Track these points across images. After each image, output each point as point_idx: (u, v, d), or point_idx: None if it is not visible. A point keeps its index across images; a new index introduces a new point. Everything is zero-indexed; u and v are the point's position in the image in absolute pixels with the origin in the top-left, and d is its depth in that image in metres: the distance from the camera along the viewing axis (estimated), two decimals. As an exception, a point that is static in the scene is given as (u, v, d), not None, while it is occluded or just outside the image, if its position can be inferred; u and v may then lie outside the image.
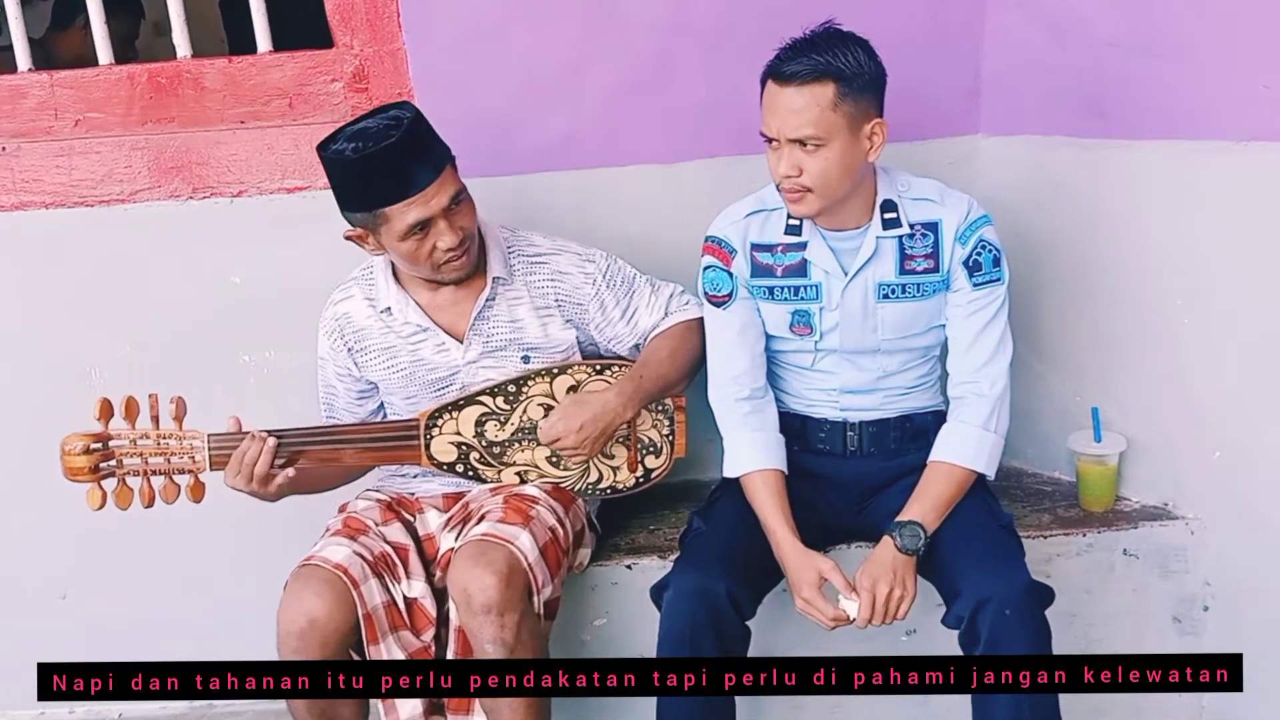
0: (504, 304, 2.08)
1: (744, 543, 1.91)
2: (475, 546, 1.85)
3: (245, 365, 2.42)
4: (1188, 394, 2.14)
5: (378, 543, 1.97)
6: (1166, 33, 1.99)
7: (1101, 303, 2.23)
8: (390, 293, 2.06)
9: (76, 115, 2.32)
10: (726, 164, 2.29)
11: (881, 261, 1.93)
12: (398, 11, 2.24)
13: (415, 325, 2.06)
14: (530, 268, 2.10)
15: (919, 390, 2.06)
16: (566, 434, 1.99)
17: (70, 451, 1.88)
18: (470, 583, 1.81)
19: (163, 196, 2.35)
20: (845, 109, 1.77)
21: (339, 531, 1.98)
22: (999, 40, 2.24)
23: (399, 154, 1.87)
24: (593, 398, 2.03)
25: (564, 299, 2.10)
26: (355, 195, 1.92)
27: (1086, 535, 2.17)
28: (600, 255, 2.14)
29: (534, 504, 1.98)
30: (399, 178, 1.87)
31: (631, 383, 2.04)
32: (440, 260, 1.95)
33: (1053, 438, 2.33)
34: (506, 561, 1.83)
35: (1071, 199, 2.22)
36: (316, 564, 1.89)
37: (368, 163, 1.87)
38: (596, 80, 2.28)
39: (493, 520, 1.91)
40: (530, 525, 1.91)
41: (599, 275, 2.12)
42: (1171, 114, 2.02)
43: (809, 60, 1.75)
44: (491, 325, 2.07)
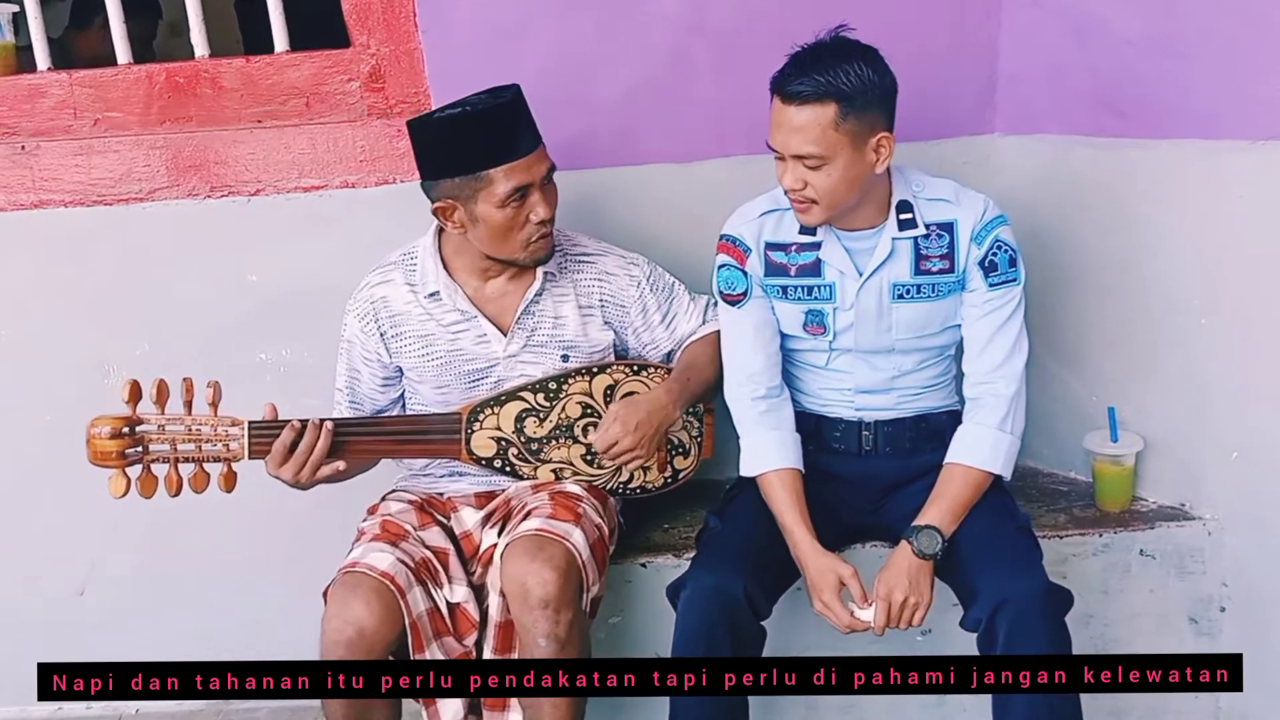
0: (550, 300, 2.08)
1: (761, 542, 1.91)
2: (532, 541, 1.85)
3: (261, 363, 2.44)
4: (1205, 394, 2.13)
5: (418, 548, 1.96)
6: (1185, 32, 1.98)
7: (1118, 302, 2.22)
8: (439, 277, 2.04)
9: (95, 114, 2.33)
10: (740, 163, 2.29)
11: (897, 262, 1.92)
12: (414, 11, 2.25)
13: (461, 313, 2.05)
14: (577, 266, 2.11)
15: (934, 390, 2.06)
16: (623, 436, 1.97)
17: (98, 435, 1.81)
18: (529, 576, 1.81)
19: (180, 195, 2.36)
20: (848, 127, 1.76)
21: (378, 536, 1.95)
22: (1016, 39, 2.23)
23: (507, 116, 1.91)
24: (641, 397, 2.03)
25: (608, 300, 2.11)
26: (456, 157, 1.91)
27: (1103, 536, 2.16)
28: (643, 260, 2.15)
29: (579, 501, 1.98)
30: (507, 139, 1.90)
31: (679, 383, 2.05)
32: (531, 236, 1.96)
33: (1069, 438, 2.33)
34: (565, 557, 1.83)
35: (1089, 198, 2.21)
36: (363, 572, 1.86)
37: (478, 120, 1.89)
38: (611, 79, 2.29)
39: (543, 516, 1.91)
40: (581, 522, 1.91)
41: (643, 279, 2.13)
42: (1189, 113, 2.01)
43: (811, 80, 1.74)
44: (536, 320, 2.07)
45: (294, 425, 1.90)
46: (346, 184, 2.34)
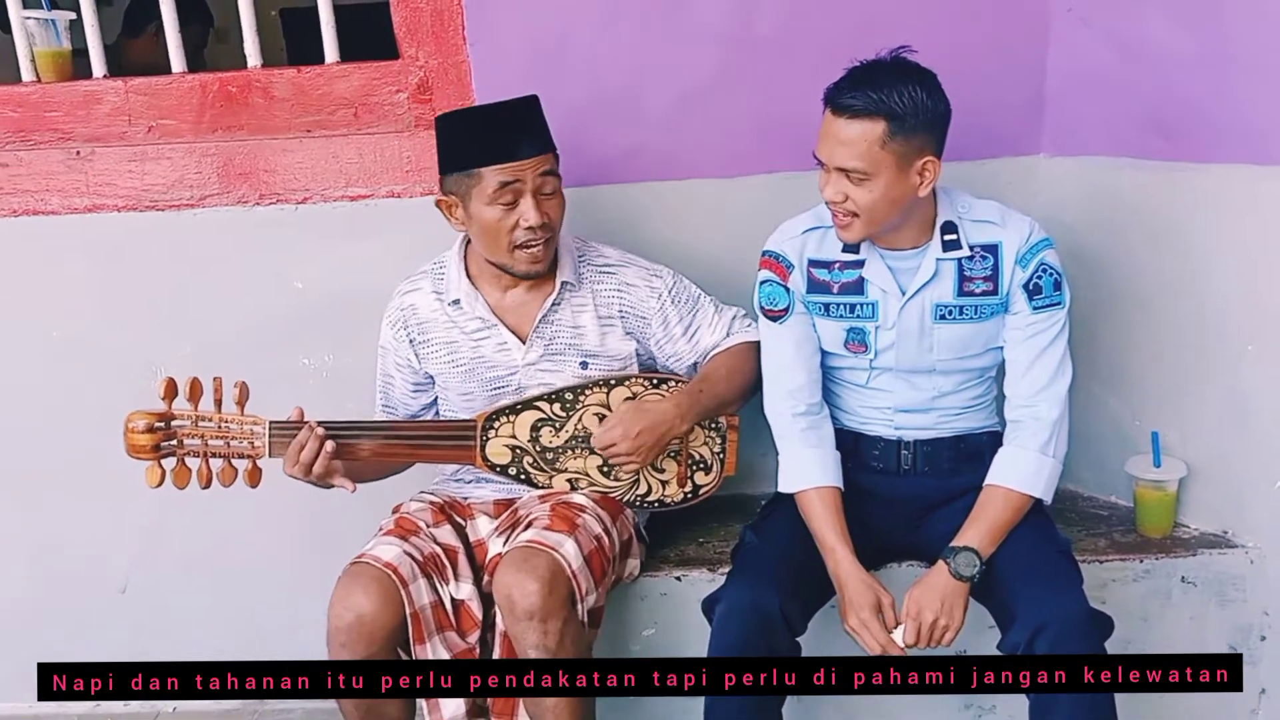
0: (569, 309, 2.10)
1: (797, 558, 1.91)
2: (520, 553, 1.87)
3: (304, 368, 2.47)
4: (1250, 421, 2.10)
5: (428, 543, 2.00)
6: (1236, 54, 1.97)
7: (1163, 326, 2.20)
8: (461, 286, 2.09)
9: (150, 121, 2.37)
10: (784, 180, 2.30)
11: (940, 283, 1.92)
12: (463, 25, 2.27)
13: (481, 320, 2.09)
14: (598, 277, 2.13)
15: (974, 411, 2.05)
16: (622, 440, 2.00)
17: (134, 429, 1.90)
18: (513, 588, 1.83)
19: (230, 202, 2.40)
20: (894, 147, 1.76)
21: (390, 531, 2.01)
22: (1064, 59, 2.22)
23: (509, 117, 1.98)
24: (651, 406, 2.04)
25: (628, 311, 2.12)
26: (457, 153, 1.99)
27: (1144, 561, 2.14)
28: (667, 272, 2.16)
29: (581, 512, 1.99)
30: (503, 140, 1.96)
31: (690, 396, 2.05)
32: (519, 240, 1.98)
33: (1110, 461, 2.31)
34: (549, 568, 1.84)
35: (1135, 220, 2.19)
36: (367, 562, 1.92)
37: (478, 117, 2.00)
38: (657, 93, 2.30)
39: (539, 527, 1.93)
40: (576, 533, 1.92)
41: (665, 291, 2.14)
42: (1239, 137, 1.99)
43: (864, 96, 1.75)
44: (554, 329, 2.10)
45: (310, 425, 1.94)
46: (392, 194, 2.37)
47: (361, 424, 2.04)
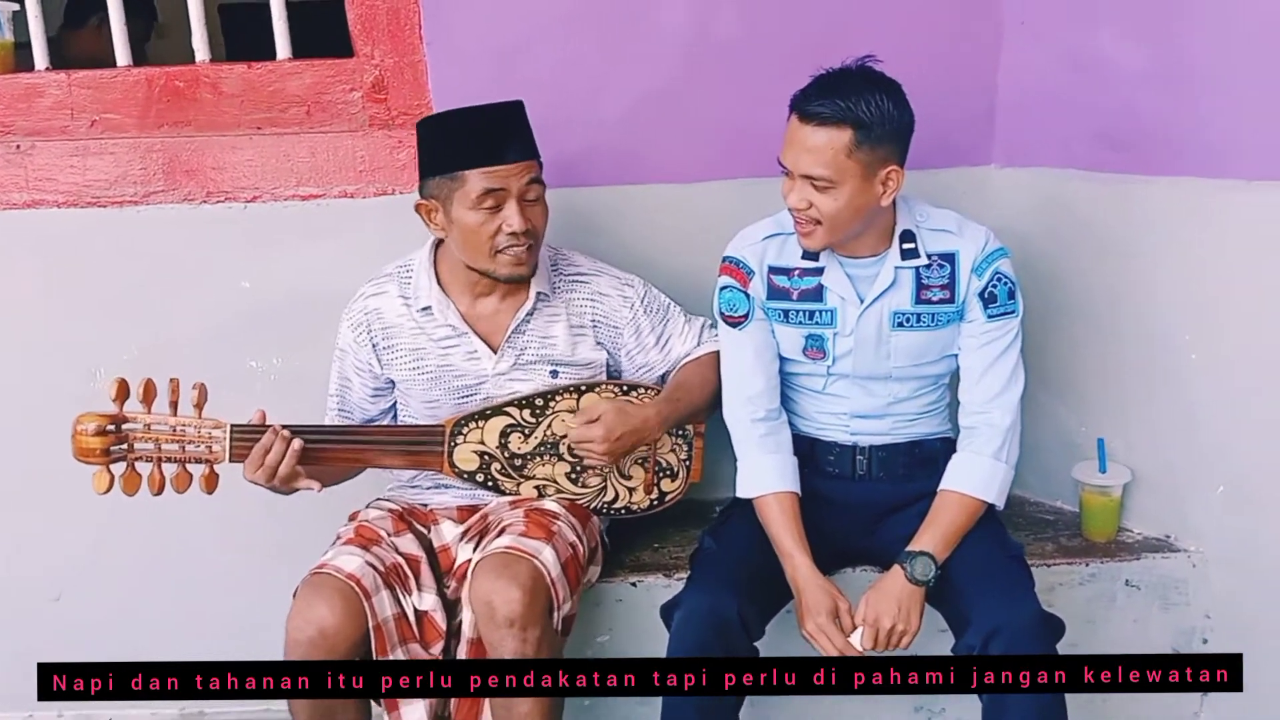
0: (542, 319, 2.08)
1: (755, 563, 1.92)
2: (499, 559, 1.85)
3: (252, 370, 2.42)
4: (1193, 428, 2.16)
5: (390, 553, 1.97)
6: (1186, 70, 2.02)
7: (1110, 336, 2.25)
8: (433, 292, 2.05)
9: (93, 115, 2.31)
10: (743, 186, 2.31)
11: (898, 290, 1.94)
12: (419, 24, 2.25)
13: (451, 329, 2.06)
14: (571, 286, 2.11)
15: (928, 416, 2.07)
16: (602, 440, 1.99)
17: (83, 431, 1.83)
18: (494, 595, 1.81)
19: (176, 199, 2.34)
20: (860, 156, 1.78)
21: (351, 540, 1.97)
22: (1016, 72, 2.26)
23: (495, 121, 1.95)
24: (634, 411, 2.03)
25: (600, 320, 2.12)
26: (440, 155, 1.95)
27: (1089, 565, 2.19)
28: (638, 281, 2.16)
29: (555, 519, 1.98)
30: (488, 143, 1.93)
31: (669, 404, 2.06)
32: (501, 245, 1.95)
33: (1056, 467, 2.35)
34: (531, 575, 1.83)
35: (1084, 231, 2.24)
36: (329, 573, 1.88)
37: (464, 119, 1.96)
38: (617, 97, 2.30)
39: (515, 534, 1.91)
40: (553, 540, 1.91)
41: (637, 300, 2.13)
42: (1188, 151, 2.04)
43: (831, 104, 1.76)
44: (526, 339, 2.08)
45: (274, 429, 1.90)
46: (345, 194, 2.33)
47: (327, 429, 2.00)
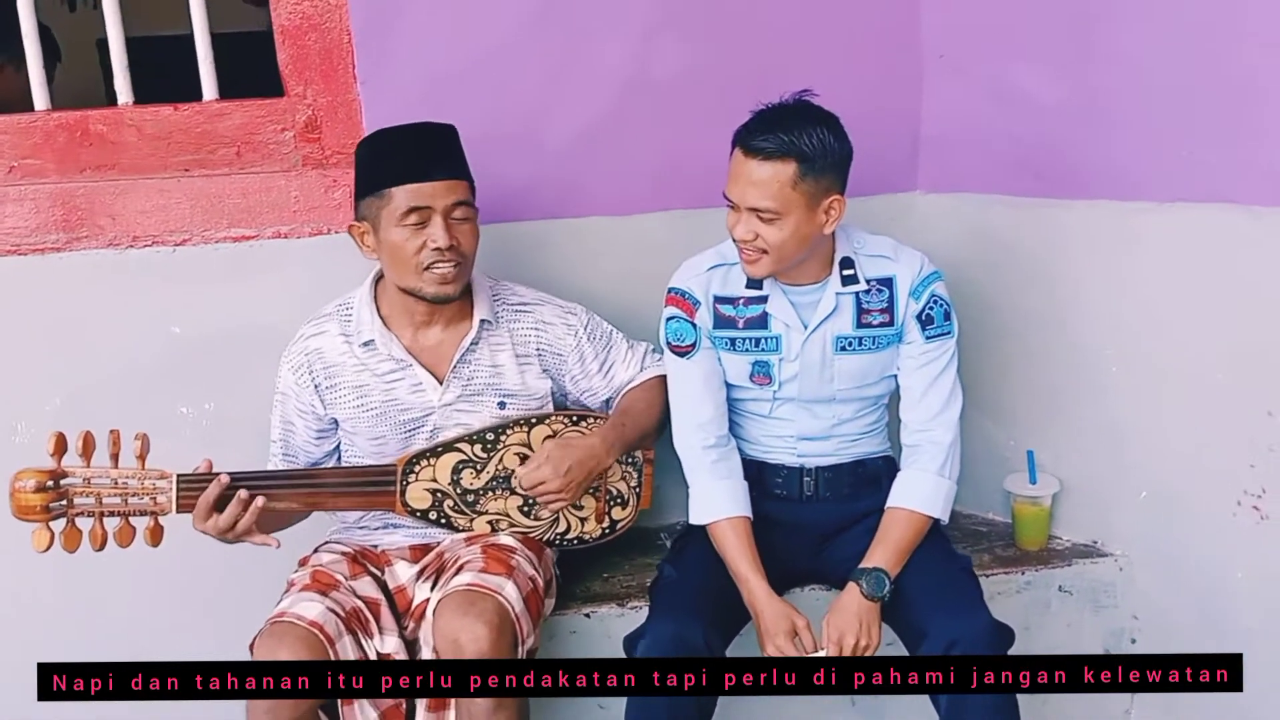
0: (487, 348, 2.08)
1: (715, 588, 1.95)
2: (463, 596, 1.84)
3: (182, 416, 2.35)
4: (1116, 438, 2.26)
5: (349, 598, 1.94)
6: (1098, 99, 2.13)
7: (1035, 353, 2.35)
8: (375, 326, 2.04)
9: (11, 161, 2.24)
10: (680, 217, 2.36)
11: (840, 316, 2.00)
12: (353, 62, 2.24)
13: (396, 361, 2.04)
14: (515, 315, 2.11)
15: (869, 436, 2.13)
16: (552, 478, 1.99)
17: (22, 490, 1.77)
18: (461, 633, 1.79)
19: (101, 245, 2.27)
20: (805, 187, 1.83)
21: (308, 586, 1.93)
22: (938, 104, 2.36)
23: (423, 140, 1.97)
24: (578, 442, 2.04)
25: (545, 349, 2.12)
26: (370, 175, 1.97)
27: (1025, 574, 2.27)
28: (581, 309, 2.17)
29: (512, 554, 1.98)
30: (415, 161, 1.94)
31: (615, 430, 2.07)
32: (426, 261, 1.94)
33: (987, 481, 2.44)
34: (497, 612, 1.82)
35: (1007, 254, 2.34)
36: (290, 620, 1.84)
37: (392, 137, 1.98)
38: (553, 132, 2.32)
39: (475, 570, 1.90)
40: (513, 575, 1.91)
41: (580, 328, 2.14)
42: (1103, 176, 2.15)
43: (775, 138, 1.81)
44: (473, 369, 2.07)
45: (221, 480, 1.86)
46: (279, 234, 2.30)
47: (277, 474, 1.97)
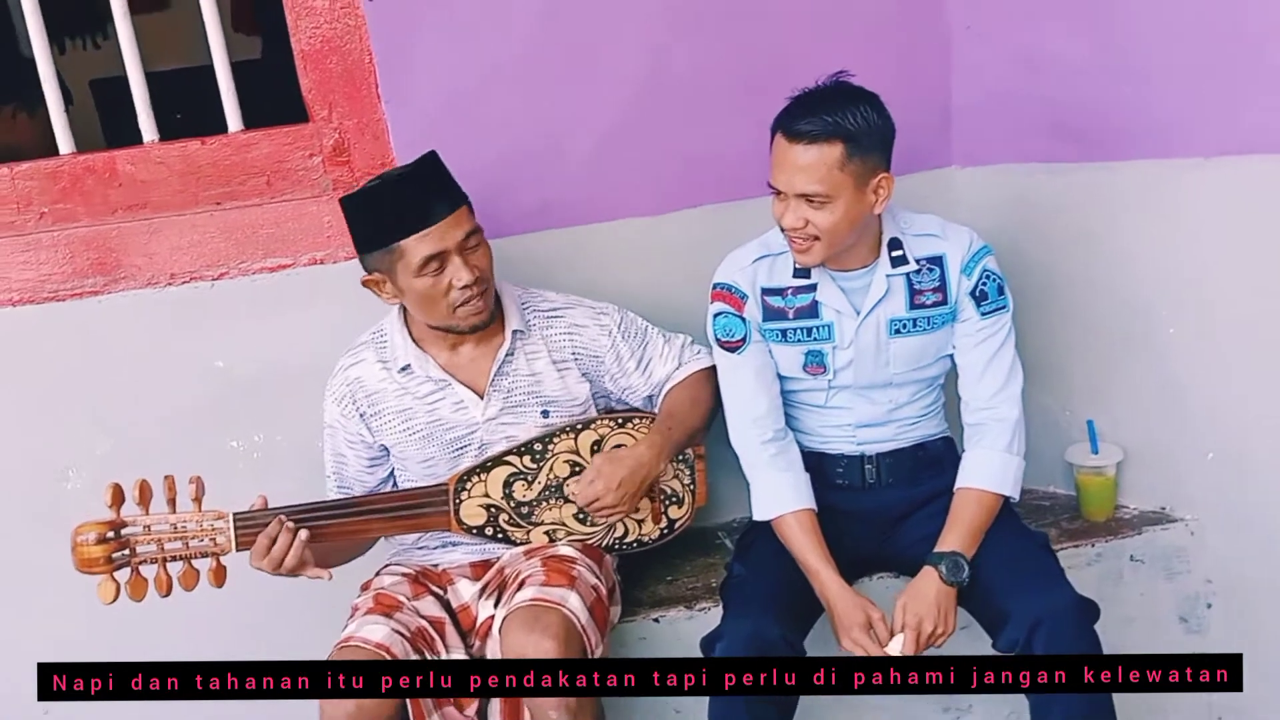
0: (523, 358, 2.06)
1: (787, 583, 1.93)
2: (528, 612, 1.82)
3: (233, 451, 2.34)
4: (1177, 400, 2.22)
5: (413, 618, 1.93)
6: (1133, 57, 2.09)
7: (1087, 320, 2.31)
8: (409, 350, 2.03)
9: (41, 208, 2.23)
10: (711, 212, 2.33)
11: (892, 298, 1.97)
12: (376, 84, 2.22)
13: (435, 381, 2.03)
14: (547, 321, 2.09)
15: (927, 418, 2.10)
16: (605, 493, 1.97)
17: (84, 543, 1.79)
18: (528, 649, 1.78)
19: (139, 285, 2.26)
20: (853, 168, 1.80)
21: (372, 609, 1.92)
22: (966, 74, 2.32)
23: (413, 185, 1.91)
24: (625, 453, 2.01)
25: (581, 351, 2.10)
26: (372, 232, 1.93)
27: (1095, 545, 2.23)
28: (612, 308, 2.15)
29: (573, 564, 1.95)
30: (414, 209, 1.90)
31: (661, 435, 2.04)
32: (457, 301, 1.93)
33: (1046, 453, 2.39)
34: (562, 625, 1.80)
35: (1049, 223, 2.30)
36: (357, 644, 1.83)
37: (383, 193, 1.92)
38: (578, 137, 2.29)
39: (537, 584, 1.88)
40: (576, 585, 1.89)
41: (614, 327, 2.12)
42: (1142, 135, 2.12)
43: (819, 120, 1.78)
44: (511, 380, 2.05)
45: (280, 518, 1.86)
46: (314, 260, 2.28)
47: (329, 504, 1.95)
